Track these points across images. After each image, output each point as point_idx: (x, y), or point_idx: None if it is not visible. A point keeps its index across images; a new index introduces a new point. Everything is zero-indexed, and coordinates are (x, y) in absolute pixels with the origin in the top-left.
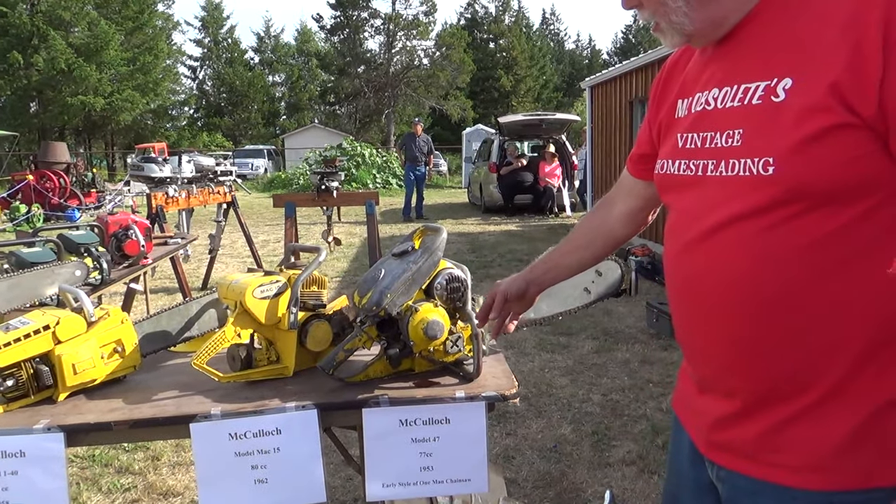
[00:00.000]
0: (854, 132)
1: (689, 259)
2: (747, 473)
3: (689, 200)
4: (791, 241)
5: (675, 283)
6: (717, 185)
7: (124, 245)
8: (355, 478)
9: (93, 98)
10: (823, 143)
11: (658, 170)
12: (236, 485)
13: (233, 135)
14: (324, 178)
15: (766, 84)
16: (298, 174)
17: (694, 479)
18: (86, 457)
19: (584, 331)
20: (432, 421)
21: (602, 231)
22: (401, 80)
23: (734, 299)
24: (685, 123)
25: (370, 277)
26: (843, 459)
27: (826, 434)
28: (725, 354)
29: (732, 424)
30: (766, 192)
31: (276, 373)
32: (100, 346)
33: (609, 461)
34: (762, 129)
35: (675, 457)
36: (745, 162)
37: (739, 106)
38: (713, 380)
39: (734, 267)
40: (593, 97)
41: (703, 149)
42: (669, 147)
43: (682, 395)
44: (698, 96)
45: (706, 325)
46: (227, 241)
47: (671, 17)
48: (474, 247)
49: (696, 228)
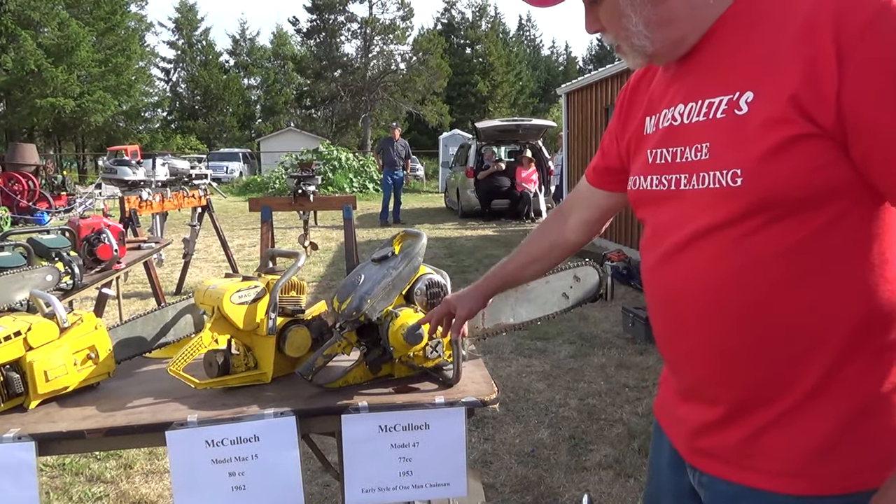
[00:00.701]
0: (816, 142)
1: (666, 271)
2: (728, 479)
3: (663, 214)
4: (763, 249)
5: (654, 294)
6: (691, 199)
7: (97, 249)
8: (333, 484)
9: (63, 99)
10: (788, 154)
11: (631, 186)
12: (213, 492)
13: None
14: (301, 182)
15: (729, 98)
16: (274, 178)
17: (675, 485)
18: (56, 465)
19: (561, 335)
20: (412, 426)
21: (557, 243)
22: (378, 85)
23: (711, 309)
24: (654, 139)
25: (350, 283)
26: (822, 464)
27: (804, 439)
28: (706, 363)
29: (715, 431)
30: (736, 203)
31: (253, 379)
32: (73, 352)
33: (586, 465)
34: (728, 142)
35: (655, 462)
36: (715, 174)
37: (705, 120)
38: (695, 388)
39: (710, 277)
40: (569, 103)
41: (674, 163)
42: (640, 163)
43: (663, 402)
44: (665, 112)
45: (686, 334)
46: (201, 246)
47: (632, 41)
48: (451, 251)
49: (671, 241)
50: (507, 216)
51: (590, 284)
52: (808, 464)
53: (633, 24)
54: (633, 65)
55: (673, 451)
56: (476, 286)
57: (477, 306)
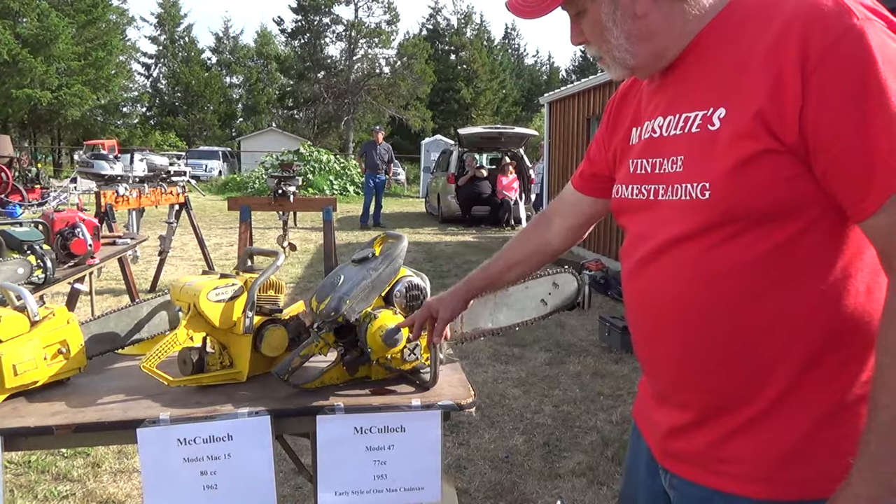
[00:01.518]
0: (779, 157)
1: (641, 277)
2: (697, 481)
3: (641, 223)
4: (728, 260)
5: (630, 300)
6: (666, 209)
7: (70, 244)
8: (305, 486)
9: (39, 91)
10: (752, 169)
11: (614, 194)
12: (184, 492)
13: (187, 135)
14: (281, 183)
15: (703, 113)
16: (254, 178)
17: (649, 487)
18: (21, 462)
19: (538, 343)
20: (387, 429)
21: (540, 247)
22: (361, 88)
23: (679, 316)
24: (636, 150)
25: (329, 283)
26: (783, 471)
27: (768, 446)
28: (676, 368)
29: (684, 434)
30: (705, 214)
31: (228, 378)
32: (43, 346)
33: (559, 472)
34: (700, 156)
35: (632, 464)
36: (686, 187)
37: (681, 134)
38: (666, 392)
39: (678, 286)
40: (551, 113)
41: (652, 174)
42: (623, 173)
43: (641, 405)
44: (647, 124)
45: (658, 340)
46: (178, 244)
47: (614, 53)
48: (430, 256)
49: (646, 249)
50: (487, 223)
51: (568, 291)
52: (770, 469)
53: (615, 38)
54: (616, 76)
55: (649, 454)
56: (457, 289)
57: (458, 309)
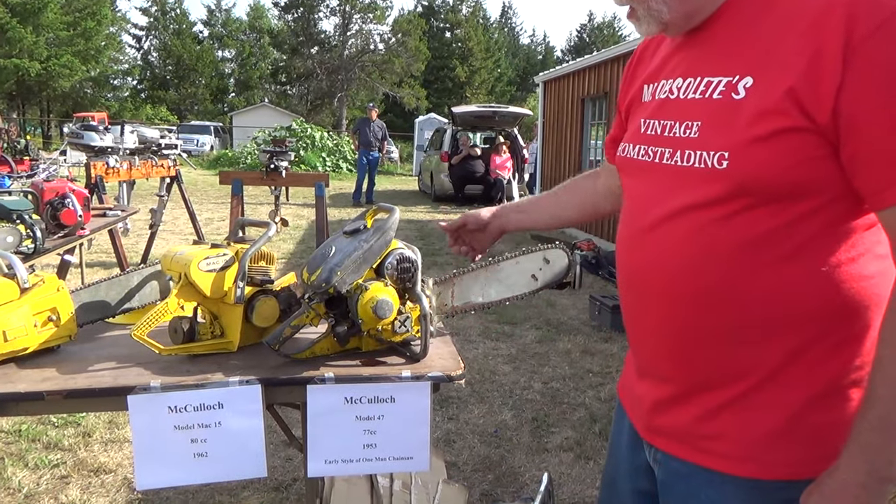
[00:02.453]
0: (806, 136)
1: (637, 245)
2: (681, 457)
3: (643, 186)
4: (735, 235)
5: (623, 267)
6: (670, 174)
7: (60, 214)
8: (295, 458)
9: (28, 62)
10: (776, 144)
11: (619, 152)
12: (175, 459)
13: (178, 109)
14: (273, 157)
15: (728, 80)
16: (246, 153)
17: (631, 462)
18: (12, 431)
19: (528, 321)
20: (377, 399)
21: (590, 199)
22: (355, 64)
23: (676, 287)
24: (648, 109)
25: (320, 254)
26: (772, 450)
27: (755, 425)
28: (662, 340)
29: (668, 409)
30: (718, 185)
31: (219, 347)
32: (33, 313)
33: (547, 447)
34: (720, 124)
35: (615, 440)
36: (701, 154)
37: (700, 98)
38: (652, 365)
39: (679, 256)
40: (546, 92)
41: (661, 136)
42: (632, 131)
43: (625, 380)
44: (663, 83)
45: (649, 310)
46: (169, 217)
47: (650, 4)
48: (423, 234)
49: (646, 216)
50: (480, 202)
51: (559, 267)
52: (756, 449)
53: None
54: (646, 32)
55: (632, 430)
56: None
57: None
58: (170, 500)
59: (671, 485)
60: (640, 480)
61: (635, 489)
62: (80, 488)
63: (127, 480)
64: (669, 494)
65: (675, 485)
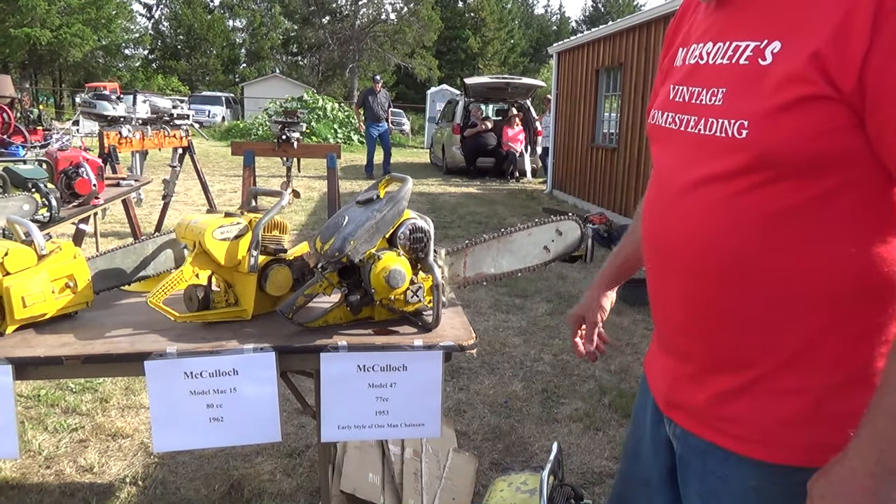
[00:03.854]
0: (830, 105)
1: (662, 215)
2: (698, 434)
3: (669, 155)
4: (758, 209)
5: (647, 237)
6: (695, 143)
7: (75, 183)
8: (308, 425)
9: (39, 30)
10: (798, 113)
11: (650, 119)
12: (191, 423)
13: (189, 80)
14: (285, 128)
15: (756, 45)
16: (257, 124)
17: (654, 436)
18: (31, 396)
19: (539, 294)
20: (390, 367)
21: None
22: (367, 34)
23: (699, 260)
24: (678, 75)
25: (333, 224)
26: (788, 435)
27: (772, 410)
28: (682, 315)
29: (687, 386)
30: (738, 156)
31: (233, 315)
32: (51, 279)
33: (557, 417)
34: (744, 91)
35: (640, 413)
36: (723, 123)
37: (727, 64)
38: (671, 339)
39: (702, 228)
40: (560, 63)
41: (689, 104)
42: (662, 98)
43: (650, 354)
44: (694, 47)
45: (671, 283)
46: (181, 189)
47: None
48: (434, 207)
49: (671, 186)
50: (492, 175)
51: (571, 239)
52: (774, 434)
53: None
54: None
55: (655, 405)
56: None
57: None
58: (185, 465)
59: (689, 460)
60: (662, 454)
61: (659, 463)
62: (98, 452)
63: (144, 445)
64: (687, 469)
65: (693, 461)
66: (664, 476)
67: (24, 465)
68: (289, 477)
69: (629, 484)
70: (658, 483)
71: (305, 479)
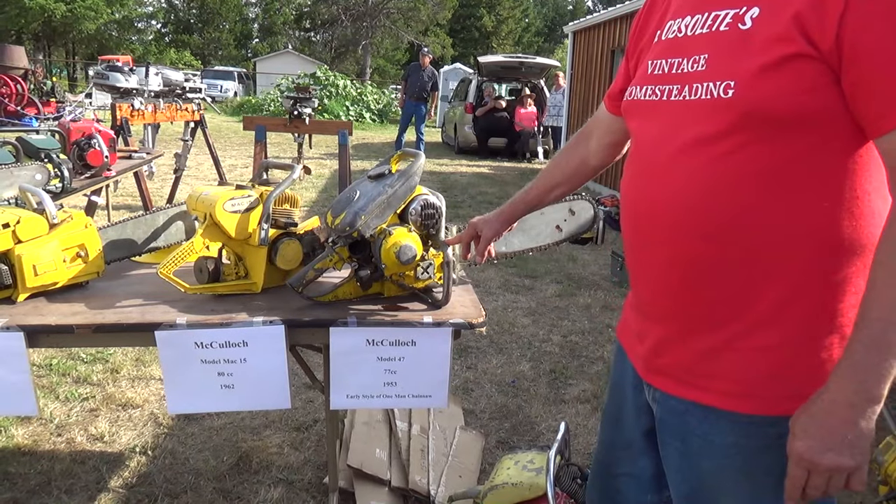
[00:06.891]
0: (811, 63)
1: (645, 184)
2: (678, 395)
3: (650, 127)
4: (742, 167)
5: (628, 208)
6: (679, 110)
7: (87, 154)
8: (316, 399)
9: (53, 3)
10: (782, 71)
11: (626, 96)
12: (202, 388)
13: (202, 54)
14: (297, 104)
15: (735, 12)
16: (269, 100)
17: (634, 402)
18: (43, 365)
19: (549, 275)
20: (399, 342)
21: (580, 167)
22: (380, 11)
23: (682, 222)
24: (655, 51)
25: (344, 198)
26: (770, 387)
27: (756, 363)
28: (665, 277)
29: (669, 348)
30: (723, 115)
31: (243, 288)
32: (62, 248)
33: (564, 398)
34: (727, 54)
35: (618, 380)
36: (707, 85)
37: (707, 32)
38: (653, 304)
39: (685, 190)
40: (575, 43)
41: (669, 74)
42: (639, 74)
43: (625, 323)
44: (670, 24)
45: (654, 248)
46: (192, 163)
47: None
48: (445, 186)
49: (655, 155)
50: (504, 155)
51: (583, 219)
52: (757, 386)
53: None
54: None
55: (635, 371)
56: (501, 210)
57: (502, 228)
58: (194, 437)
59: (668, 421)
60: (643, 418)
61: (640, 426)
62: (108, 421)
63: (153, 416)
64: (666, 431)
65: (672, 421)
66: (645, 439)
67: (35, 432)
68: (296, 450)
69: (612, 449)
70: (640, 445)
71: (313, 453)
